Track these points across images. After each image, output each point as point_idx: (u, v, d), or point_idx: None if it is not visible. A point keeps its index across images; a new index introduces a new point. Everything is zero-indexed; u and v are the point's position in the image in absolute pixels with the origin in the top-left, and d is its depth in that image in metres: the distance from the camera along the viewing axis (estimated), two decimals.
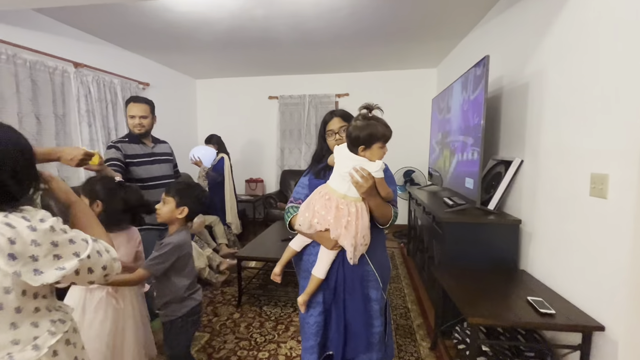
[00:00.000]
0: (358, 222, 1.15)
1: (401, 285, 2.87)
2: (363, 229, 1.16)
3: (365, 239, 1.18)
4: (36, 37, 2.57)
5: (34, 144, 2.13)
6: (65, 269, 0.70)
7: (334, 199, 1.17)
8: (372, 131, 1.13)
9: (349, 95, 4.73)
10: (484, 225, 1.97)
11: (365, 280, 1.27)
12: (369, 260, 1.26)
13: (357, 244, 1.16)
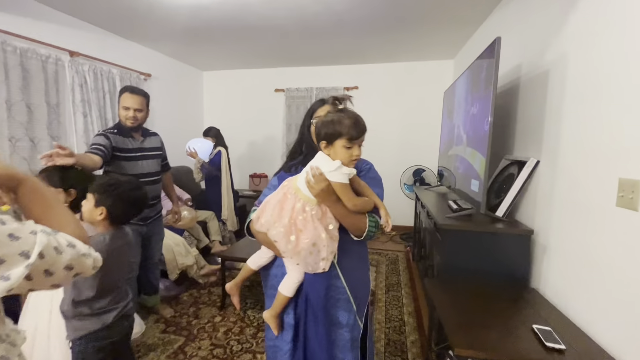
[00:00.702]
0: (308, 225, 0.96)
1: (400, 294, 2.64)
2: (314, 237, 0.96)
3: (320, 248, 0.97)
4: (28, 24, 2.52)
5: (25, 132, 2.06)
6: (10, 280, 0.49)
7: (292, 197, 0.99)
8: (335, 126, 0.94)
9: (358, 89, 4.49)
10: (490, 235, 1.72)
11: (332, 298, 1.06)
12: (340, 272, 1.05)
13: (301, 251, 0.96)
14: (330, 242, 0.99)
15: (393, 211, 4.58)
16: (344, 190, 0.96)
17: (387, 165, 4.42)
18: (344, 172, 0.95)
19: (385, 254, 3.63)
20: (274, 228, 0.98)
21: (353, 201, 0.97)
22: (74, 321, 1.14)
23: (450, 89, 2.91)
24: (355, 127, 0.95)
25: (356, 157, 0.96)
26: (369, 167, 1.17)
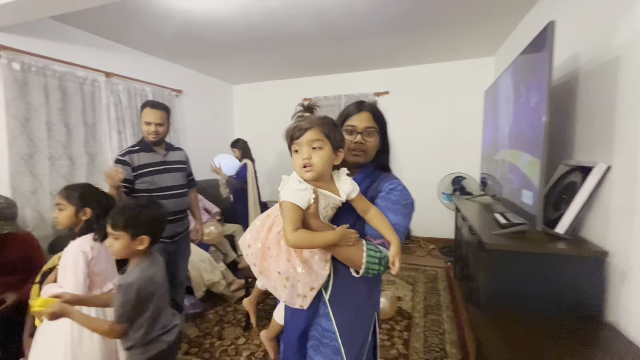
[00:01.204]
0: (282, 254, 0.83)
1: (441, 319, 2.36)
2: (286, 270, 0.82)
3: (294, 283, 0.83)
4: (67, 49, 2.66)
5: (63, 151, 2.18)
6: None
7: (272, 216, 0.89)
8: (286, 134, 0.85)
9: (389, 94, 4.28)
10: (550, 256, 1.43)
11: (315, 342, 0.88)
12: (331, 312, 0.87)
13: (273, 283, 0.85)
14: (310, 277, 0.83)
15: (431, 222, 4.26)
16: (287, 214, 0.77)
17: (423, 173, 4.14)
18: (294, 188, 0.78)
19: (423, 269, 3.34)
20: (246, 250, 0.88)
21: (294, 234, 0.75)
22: (144, 348, 1.16)
23: (493, 87, 2.62)
24: (296, 128, 0.82)
25: (305, 161, 0.79)
26: (392, 187, 0.93)
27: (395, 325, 2.27)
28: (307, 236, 0.76)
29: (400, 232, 0.86)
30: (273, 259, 0.84)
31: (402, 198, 0.91)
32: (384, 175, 0.98)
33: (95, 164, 2.88)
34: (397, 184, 0.95)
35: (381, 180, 0.96)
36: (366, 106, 0.99)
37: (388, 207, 0.89)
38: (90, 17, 2.51)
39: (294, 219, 0.76)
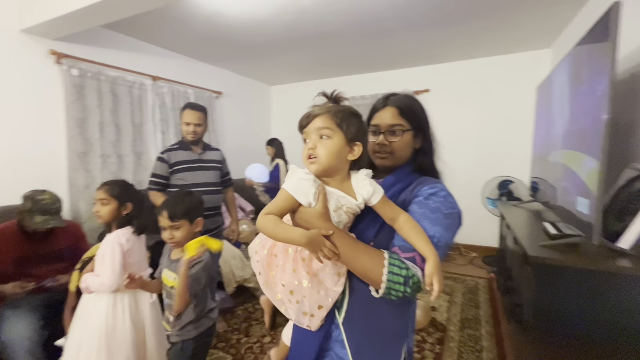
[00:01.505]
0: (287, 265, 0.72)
1: (479, 334, 2.17)
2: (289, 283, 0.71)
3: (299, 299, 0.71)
4: (118, 55, 2.88)
5: (113, 150, 2.30)
6: None
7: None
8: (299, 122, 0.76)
9: (429, 92, 4.08)
10: (610, 275, 1.23)
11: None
12: (346, 338, 0.73)
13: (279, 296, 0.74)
14: (318, 293, 0.70)
15: (473, 229, 4.01)
16: (276, 199, 0.70)
17: (465, 176, 3.89)
18: (298, 176, 0.71)
19: (463, 279, 3.11)
20: (253, 256, 0.79)
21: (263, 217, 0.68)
22: (196, 324, 1.29)
23: (547, 82, 2.36)
24: (306, 114, 0.73)
25: (310, 151, 0.70)
26: (432, 192, 0.75)
27: (427, 337, 2.13)
28: (272, 224, 0.67)
29: (440, 247, 0.68)
30: (279, 269, 0.73)
31: (445, 206, 0.73)
32: (423, 178, 0.82)
33: (141, 162, 3.09)
34: (439, 188, 0.77)
35: (419, 183, 0.80)
36: (393, 100, 0.85)
37: (425, 214, 0.72)
38: (138, 24, 2.69)
39: (277, 205, 0.69)
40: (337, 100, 0.75)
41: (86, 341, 1.31)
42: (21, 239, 1.57)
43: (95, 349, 1.27)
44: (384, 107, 0.85)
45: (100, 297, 1.34)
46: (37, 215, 1.53)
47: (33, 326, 1.42)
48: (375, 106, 0.88)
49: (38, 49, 2.36)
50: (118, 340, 1.32)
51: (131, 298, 1.39)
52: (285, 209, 0.69)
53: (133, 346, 1.34)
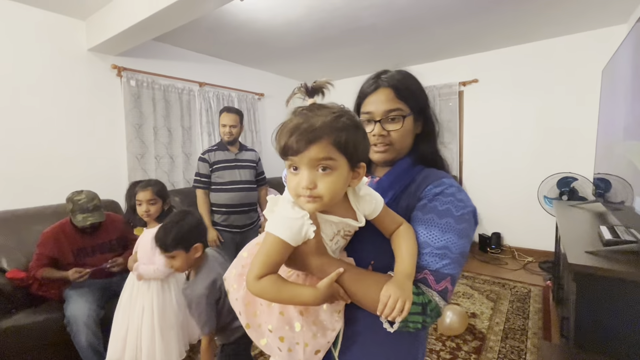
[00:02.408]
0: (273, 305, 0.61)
1: (524, 347, 1.97)
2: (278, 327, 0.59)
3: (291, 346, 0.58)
4: (169, 65, 3.17)
5: (166, 151, 2.63)
6: None
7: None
8: (275, 137, 0.57)
9: (477, 82, 3.78)
10: None
11: None
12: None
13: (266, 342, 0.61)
14: (315, 339, 0.58)
15: (529, 231, 3.68)
16: (264, 250, 0.55)
17: (520, 173, 3.57)
18: (285, 214, 0.55)
19: (512, 286, 2.85)
20: (231, 292, 0.65)
21: (257, 283, 0.54)
22: (231, 331, 1.28)
23: (615, 63, 2.04)
24: (291, 133, 0.53)
25: (307, 192, 0.53)
26: (438, 192, 0.63)
27: (463, 344, 2.00)
28: (274, 288, 0.54)
29: (454, 258, 0.58)
30: (264, 310, 0.61)
31: (455, 207, 0.61)
32: (426, 172, 0.69)
33: (190, 162, 3.36)
34: (446, 185, 0.64)
35: (423, 180, 0.67)
36: (385, 79, 0.70)
37: (432, 221, 0.61)
38: (184, 35, 2.92)
39: (270, 259, 0.54)
40: (318, 91, 0.60)
41: (134, 322, 1.48)
42: (76, 233, 1.82)
43: (149, 329, 1.45)
44: (376, 90, 0.70)
45: (149, 283, 1.50)
46: (78, 214, 1.76)
47: (90, 305, 1.65)
48: (364, 89, 0.73)
49: (102, 64, 2.70)
50: (168, 320, 1.48)
51: (172, 286, 1.55)
52: (280, 260, 0.56)
53: (180, 325, 1.50)
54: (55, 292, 1.78)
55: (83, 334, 1.59)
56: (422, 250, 0.60)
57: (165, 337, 1.46)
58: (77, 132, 2.57)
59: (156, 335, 1.45)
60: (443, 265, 0.58)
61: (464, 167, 3.98)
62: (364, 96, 0.72)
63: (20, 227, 2.02)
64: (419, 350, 0.68)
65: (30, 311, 1.63)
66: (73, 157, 2.54)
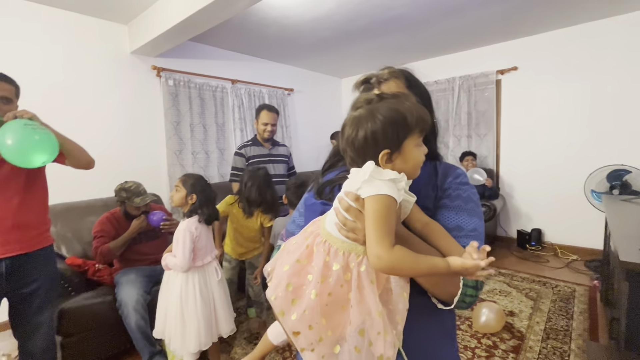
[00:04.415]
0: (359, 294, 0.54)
1: (567, 348, 1.87)
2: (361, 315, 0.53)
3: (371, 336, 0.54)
4: (203, 64, 3.29)
5: (201, 147, 2.84)
6: None
7: (322, 250, 0.57)
8: (403, 120, 0.54)
9: (517, 70, 3.58)
10: None
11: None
12: (405, 356, 0.59)
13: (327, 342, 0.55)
14: (390, 324, 0.55)
15: (574, 227, 3.50)
16: (379, 217, 0.51)
17: (564, 166, 3.37)
18: (391, 176, 0.53)
19: (554, 284, 2.70)
20: (290, 313, 0.55)
21: (392, 252, 0.49)
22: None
23: None
24: (423, 110, 0.56)
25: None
26: (458, 182, 0.68)
27: (500, 342, 1.94)
28: (411, 259, 0.50)
29: (481, 237, 0.64)
30: (343, 309, 0.55)
31: (472, 193, 0.68)
32: (442, 166, 0.71)
33: (224, 157, 3.49)
34: (462, 175, 0.69)
35: (443, 173, 0.68)
36: (394, 71, 0.72)
37: (460, 207, 0.65)
38: (218, 34, 3.02)
39: (389, 223, 0.51)
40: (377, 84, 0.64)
41: (170, 308, 1.59)
42: (125, 221, 1.98)
43: (174, 318, 1.55)
44: (388, 79, 0.70)
45: (176, 274, 1.58)
46: (135, 198, 1.94)
47: (138, 291, 1.78)
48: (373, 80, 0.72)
49: (143, 66, 2.86)
50: (189, 312, 1.54)
51: (201, 276, 1.59)
52: (394, 225, 0.53)
53: (202, 317, 1.53)
54: (107, 277, 1.95)
55: (132, 317, 1.73)
56: (458, 233, 0.63)
57: (186, 326, 1.53)
58: (123, 131, 2.75)
59: (178, 323, 1.54)
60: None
61: (501, 160, 3.79)
62: (376, 85, 0.71)
63: (76, 218, 2.22)
64: (454, 328, 0.71)
65: (87, 294, 1.79)
66: (119, 154, 2.73)
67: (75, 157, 1.39)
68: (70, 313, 1.64)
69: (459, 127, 3.97)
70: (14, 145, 1.12)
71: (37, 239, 1.34)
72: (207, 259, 1.60)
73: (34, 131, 1.15)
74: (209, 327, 1.56)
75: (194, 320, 1.52)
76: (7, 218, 1.24)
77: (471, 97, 3.87)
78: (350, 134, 0.56)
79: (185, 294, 1.53)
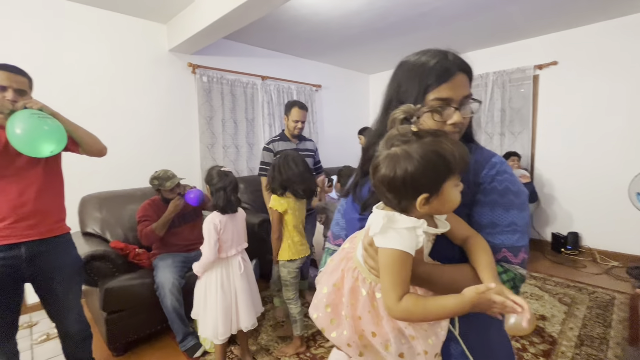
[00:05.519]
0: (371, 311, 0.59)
1: (603, 356, 1.79)
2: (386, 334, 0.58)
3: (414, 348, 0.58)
4: (235, 61, 3.40)
5: (232, 142, 2.96)
6: None
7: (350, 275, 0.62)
8: (437, 161, 0.53)
9: (557, 65, 3.40)
10: None
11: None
12: (464, 345, 0.63)
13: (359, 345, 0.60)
14: (430, 342, 0.58)
15: (615, 231, 3.33)
16: (393, 270, 0.53)
17: (605, 166, 3.17)
18: (408, 225, 0.54)
19: (591, 290, 2.57)
20: (330, 331, 0.62)
21: (401, 304, 0.53)
22: None
23: None
24: (463, 148, 0.55)
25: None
26: (494, 173, 0.64)
27: (529, 346, 1.88)
28: (420, 307, 0.52)
29: (521, 231, 0.62)
30: (374, 334, 0.58)
31: (511, 182, 0.64)
32: (475, 156, 0.67)
33: (253, 151, 3.59)
34: (498, 164, 0.65)
35: (476, 165, 0.65)
36: (457, 64, 0.65)
37: (495, 201, 0.63)
38: (249, 32, 3.10)
39: (400, 276, 0.53)
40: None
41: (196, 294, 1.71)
42: (164, 207, 2.11)
43: (197, 303, 1.67)
44: (453, 75, 0.64)
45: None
46: (166, 182, 2.10)
47: (174, 275, 1.90)
48: (436, 76, 0.64)
49: (180, 63, 3.01)
50: (210, 302, 1.61)
51: (224, 268, 1.63)
52: (408, 275, 0.54)
53: (221, 308, 1.59)
54: (146, 261, 2.09)
55: (168, 299, 1.85)
56: (492, 230, 0.62)
57: (207, 315, 1.60)
58: (160, 125, 2.91)
59: (200, 311, 1.64)
60: (516, 240, 0.62)
61: (537, 159, 3.63)
62: (439, 83, 0.64)
63: (119, 206, 2.38)
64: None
65: (128, 275, 1.93)
66: (156, 147, 2.90)
67: (88, 145, 1.40)
68: (114, 291, 1.78)
69: (492, 125, 3.84)
70: (23, 135, 1.15)
71: (55, 225, 1.38)
72: (231, 252, 1.65)
73: (43, 121, 1.17)
74: (227, 319, 1.60)
75: (214, 310, 1.59)
76: (26, 204, 1.29)
77: (505, 93, 3.72)
78: (386, 173, 0.54)
79: (208, 284, 1.62)
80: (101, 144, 1.47)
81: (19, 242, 1.28)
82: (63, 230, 1.44)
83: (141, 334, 1.93)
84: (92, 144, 1.42)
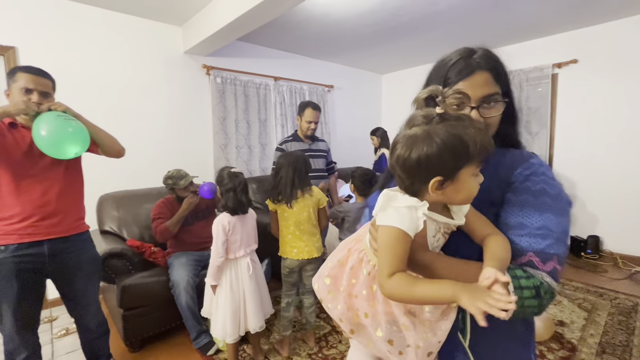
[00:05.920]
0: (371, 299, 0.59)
1: None
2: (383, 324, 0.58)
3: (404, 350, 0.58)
4: (248, 62, 3.43)
5: (245, 142, 3.00)
6: None
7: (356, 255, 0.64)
8: (462, 148, 0.51)
9: (577, 63, 3.31)
10: None
11: None
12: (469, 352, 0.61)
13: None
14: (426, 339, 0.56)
15: (638, 236, 3.16)
16: (388, 246, 0.53)
17: (628, 168, 3.08)
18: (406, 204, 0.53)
19: (612, 297, 2.48)
20: (326, 302, 0.66)
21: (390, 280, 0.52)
22: None
23: None
24: (486, 135, 0.53)
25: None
26: (529, 173, 0.60)
27: (547, 352, 1.83)
28: (407, 286, 0.51)
29: (555, 237, 0.55)
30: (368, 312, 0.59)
31: (549, 185, 0.59)
32: (512, 154, 0.64)
33: (265, 151, 3.62)
34: (536, 165, 0.61)
35: (511, 164, 0.63)
36: (479, 61, 0.63)
37: (527, 202, 0.58)
38: (263, 33, 3.12)
39: (397, 255, 0.52)
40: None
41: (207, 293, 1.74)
42: (178, 205, 2.16)
43: (207, 305, 1.70)
44: (471, 74, 0.62)
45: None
46: (179, 181, 2.13)
47: (188, 273, 1.93)
48: (454, 73, 0.63)
49: (195, 64, 3.05)
50: (219, 303, 1.63)
51: (232, 269, 1.63)
52: (405, 254, 0.53)
53: (229, 309, 1.59)
54: (162, 260, 2.13)
55: (183, 297, 1.87)
56: (519, 232, 0.57)
57: (218, 313, 1.62)
58: (175, 126, 2.97)
59: (213, 309, 1.67)
60: (547, 246, 0.55)
61: (555, 160, 3.54)
62: (456, 80, 0.63)
63: (135, 205, 2.44)
64: (534, 330, 0.69)
65: (144, 273, 1.97)
66: (171, 148, 2.95)
67: (107, 146, 1.44)
68: (131, 289, 1.82)
69: None
70: (48, 137, 1.17)
71: (75, 223, 1.43)
72: (239, 253, 1.65)
73: (68, 123, 1.20)
74: (235, 320, 1.61)
75: (223, 310, 1.60)
76: (49, 204, 1.33)
77: (522, 92, 3.64)
78: (401, 153, 0.53)
79: (219, 285, 1.63)
80: (120, 145, 1.51)
81: (42, 239, 1.33)
82: (83, 228, 1.48)
83: (156, 330, 1.97)
84: (111, 145, 1.46)
